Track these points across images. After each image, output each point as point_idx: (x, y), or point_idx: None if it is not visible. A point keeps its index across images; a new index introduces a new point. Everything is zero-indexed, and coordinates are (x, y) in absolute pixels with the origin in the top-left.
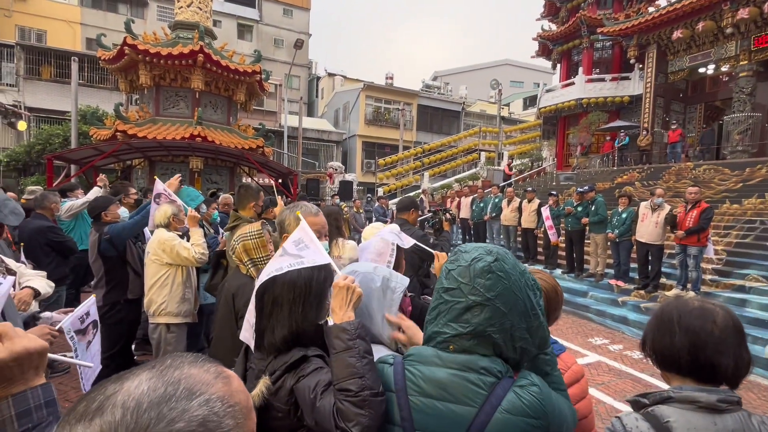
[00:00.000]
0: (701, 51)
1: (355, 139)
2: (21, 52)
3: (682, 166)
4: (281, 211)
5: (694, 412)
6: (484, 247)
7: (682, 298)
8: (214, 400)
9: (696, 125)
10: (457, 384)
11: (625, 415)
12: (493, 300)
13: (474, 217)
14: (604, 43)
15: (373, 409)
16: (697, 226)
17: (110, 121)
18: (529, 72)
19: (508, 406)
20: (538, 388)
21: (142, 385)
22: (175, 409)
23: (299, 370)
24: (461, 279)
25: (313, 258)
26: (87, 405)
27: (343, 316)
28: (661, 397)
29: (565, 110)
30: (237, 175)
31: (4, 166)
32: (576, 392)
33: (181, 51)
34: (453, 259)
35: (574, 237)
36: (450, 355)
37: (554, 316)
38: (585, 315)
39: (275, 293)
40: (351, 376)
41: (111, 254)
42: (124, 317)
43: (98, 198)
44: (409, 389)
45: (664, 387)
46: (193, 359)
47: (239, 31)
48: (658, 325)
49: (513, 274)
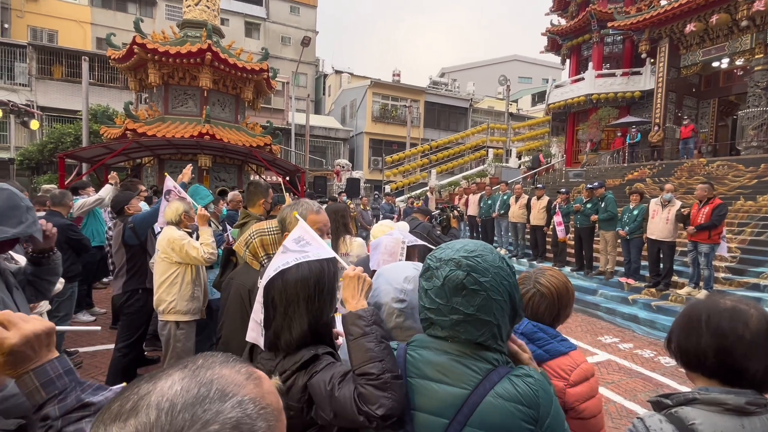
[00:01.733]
0: (715, 45)
1: (362, 136)
2: (33, 52)
3: (695, 162)
4: (282, 208)
5: (721, 415)
6: (454, 258)
7: (714, 296)
8: (246, 402)
9: (709, 121)
10: (454, 367)
11: (648, 416)
12: (475, 314)
13: (482, 215)
14: (614, 38)
15: (395, 391)
16: (709, 222)
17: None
18: (538, 68)
19: (501, 391)
20: (534, 379)
21: (175, 386)
22: (209, 411)
23: (311, 368)
24: (439, 300)
25: (317, 252)
26: (121, 405)
27: (357, 304)
28: (685, 398)
29: (574, 106)
30: (245, 173)
31: (18, 164)
32: (585, 390)
33: (189, 50)
34: (427, 275)
35: (583, 234)
36: (448, 343)
37: (565, 314)
38: (594, 313)
39: (288, 292)
40: (371, 360)
41: (134, 243)
42: (142, 306)
43: (120, 194)
44: (409, 371)
45: (674, 386)
46: (224, 359)
47: (246, 29)
48: (685, 324)
49: (488, 280)
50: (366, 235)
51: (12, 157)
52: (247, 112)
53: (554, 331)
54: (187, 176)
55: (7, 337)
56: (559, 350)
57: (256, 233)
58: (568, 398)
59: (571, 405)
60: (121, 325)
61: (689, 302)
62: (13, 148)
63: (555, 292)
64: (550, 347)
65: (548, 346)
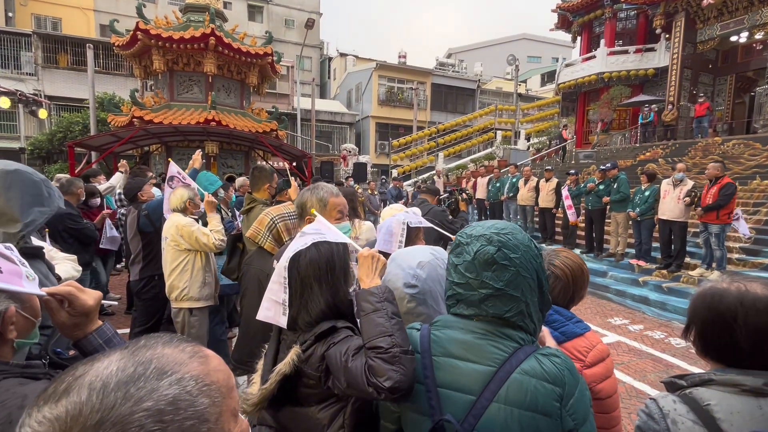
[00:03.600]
0: (734, 18)
1: (369, 120)
2: (38, 41)
3: (710, 141)
4: (301, 192)
5: (738, 396)
6: (485, 234)
7: (736, 282)
8: (187, 380)
9: (726, 98)
10: (479, 345)
11: (662, 397)
12: (504, 289)
13: (490, 198)
14: (628, 13)
15: (404, 365)
16: (716, 202)
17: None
18: (548, 46)
19: (527, 368)
20: (560, 359)
21: (111, 366)
22: (143, 389)
23: (329, 339)
24: (468, 275)
25: (334, 237)
26: (56, 386)
27: (370, 282)
28: (701, 379)
29: (585, 85)
30: (252, 158)
31: (29, 154)
32: (600, 371)
33: (192, 34)
34: (457, 251)
35: (594, 216)
36: (474, 323)
37: (580, 295)
38: (604, 295)
39: (301, 274)
40: (381, 335)
41: (149, 230)
42: (158, 293)
43: (131, 181)
44: (433, 350)
45: (685, 367)
46: (168, 339)
47: (249, 12)
48: (714, 319)
49: (518, 257)
50: (374, 220)
51: (23, 147)
52: (253, 98)
53: (569, 312)
54: (198, 162)
55: (87, 299)
56: (575, 332)
57: (279, 218)
58: (585, 379)
59: (588, 385)
60: (137, 310)
61: (709, 289)
62: (23, 137)
63: (570, 274)
64: (566, 329)
65: (564, 328)
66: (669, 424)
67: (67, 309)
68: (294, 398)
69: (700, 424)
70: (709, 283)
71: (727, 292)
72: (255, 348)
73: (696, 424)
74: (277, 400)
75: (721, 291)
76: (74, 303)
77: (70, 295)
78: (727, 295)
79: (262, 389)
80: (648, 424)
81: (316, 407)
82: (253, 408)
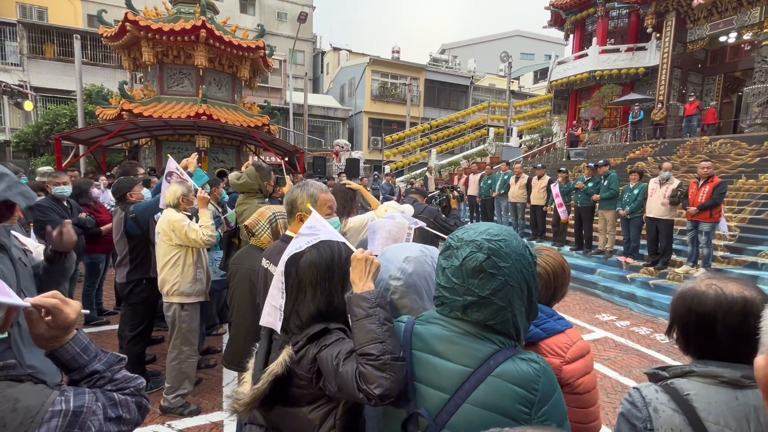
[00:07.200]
0: (723, 18)
1: (362, 115)
2: (23, 31)
3: (698, 141)
4: (290, 189)
5: (716, 387)
6: (476, 240)
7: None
8: None
9: (714, 97)
10: (459, 345)
11: (645, 387)
12: (489, 298)
13: (482, 194)
14: (620, 11)
15: (395, 372)
16: (710, 201)
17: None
18: (541, 43)
19: (502, 371)
20: (539, 365)
21: None
22: None
23: (321, 341)
24: (455, 280)
25: (328, 236)
26: None
27: (363, 286)
28: (682, 370)
29: (577, 83)
30: (244, 153)
31: (15, 147)
32: (580, 367)
33: (183, 27)
34: (446, 254)
35: (583, 214)
36: (457, 321)
37: (561, 293)
38: (592, 292)
39: (299, 276)
40: (372, 341)
41: (136, 233)
42: (148, 296)
43: (122, 179)
44: (414, 344)
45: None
46: None
47: (242, 4)
48: (695, 322)
49: (508, 266)
50: None
51: (8, 140)
52: (244, 92)
53: (551, 309)
54: (192, 165)
55: (70, 313)
56: (556, 329)
57: (278, 215)
58: (564, 375)
59: (567, 381)
60: (126, 314)
61: (688, 291)
62: (8, 130)
63: (551, 272)
64: (547, 326)
65: (545, 325)
66: (651, 411)
67: (48, 321)
68: (285, 398)
69: (680, 412)
70: (688, 283)
71: (706, 295)
72: (246, 348)
73: (676, 412)
74: (269, 399)
75: (700, 294)
76: (57, 316)
77: (54, 308)
78: (705, 298)
79: (254, 389)
80: (631, 412)
81: (308, 407)
82: (245, 408)
